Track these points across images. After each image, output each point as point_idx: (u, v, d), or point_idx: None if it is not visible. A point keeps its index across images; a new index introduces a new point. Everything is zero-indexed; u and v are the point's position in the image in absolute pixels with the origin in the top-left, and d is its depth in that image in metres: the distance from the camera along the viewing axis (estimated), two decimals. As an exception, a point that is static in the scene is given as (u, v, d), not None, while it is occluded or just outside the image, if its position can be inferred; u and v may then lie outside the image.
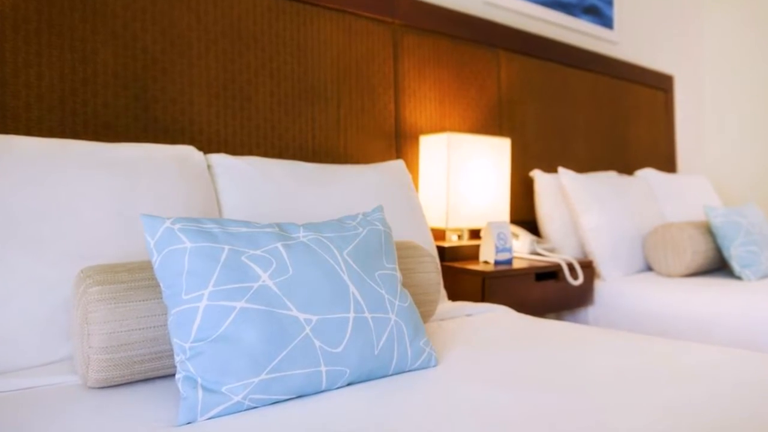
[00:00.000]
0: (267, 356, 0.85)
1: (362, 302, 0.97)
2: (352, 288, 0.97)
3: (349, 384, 0.95)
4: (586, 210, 2.34)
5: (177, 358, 0.85)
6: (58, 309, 1.06)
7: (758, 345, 1.81)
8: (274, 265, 0.92)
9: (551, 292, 2.01)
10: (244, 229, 0.95)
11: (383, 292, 1.01)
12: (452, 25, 2.25)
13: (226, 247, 0.91)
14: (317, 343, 0.89)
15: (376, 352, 0.95)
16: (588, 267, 2.15)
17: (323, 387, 0.91)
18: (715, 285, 2.10)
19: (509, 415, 0.81)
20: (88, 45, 1.44)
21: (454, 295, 1.89)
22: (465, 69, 2.30)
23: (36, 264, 1.06)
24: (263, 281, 0.89)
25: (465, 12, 2.33)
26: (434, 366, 1.05)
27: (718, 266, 2.41)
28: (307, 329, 0.89)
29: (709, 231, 2.34)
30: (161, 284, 0.89)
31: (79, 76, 1.43)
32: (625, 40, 3.24)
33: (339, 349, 0.91)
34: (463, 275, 1.87)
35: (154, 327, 0.94)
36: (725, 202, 3.80)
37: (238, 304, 0.86)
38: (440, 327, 1.36)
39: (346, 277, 0.97)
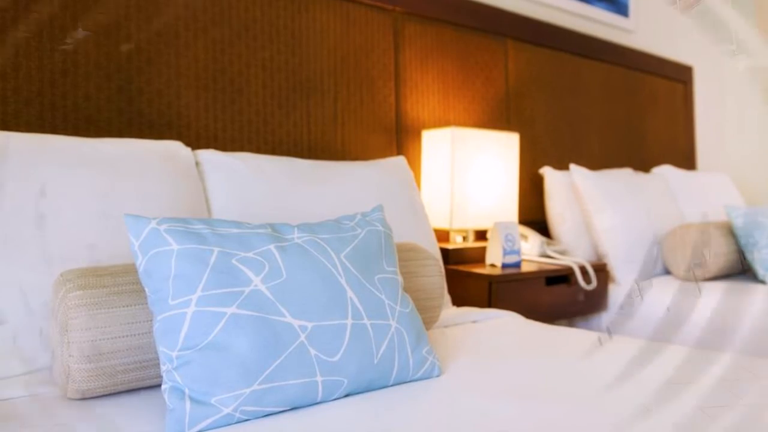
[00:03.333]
0: (259, 365, 0.85)
1: (361, 308, 0.97)
2: (349, 293, 0.97)
3: (346, 395, 0.95)
4: (600, 210, 2.34)
5: (163, 368, 0.85)
6: (36, 315, 1.06)
7: (783, 354, 1.81)
8: (266, 269, 0.92)
9: (562, 297, 2.02)
10: (234, 230, 0.96)
11: (383, 297, 1.01)
12: (457, 12, 2.25)
13: (216, 249, 0.91)
14: (313, 352, 0.89)
15: (375, 361, 0.96)
16: (602, 270, 2.15)
17: (319, 398, 0.91)
18: (738, 290, 2.10)
19: (517, 428, 0.81)
20: (68, 33, 1.44)
21: (458, 301, 1.89)
22: (470, 59, 2.30)
23: (13, 267, 1.06)
24: (255, 285, 0.90)
25: (470, -2, 2.33)
26: (437, 376, 1.05)
27: (741, 270, 2.41)
28: (302, 337, 0.89)
29: (730, 232, 2.34)
30: (146, 289, 0.89)
31: (58, 66, 1.43)
32: (641, 29, 3.24)
33: (336, 358, 0.91)
34: (469, 279, 1.87)
35: (138, 334, 0.94)
36: (748, 202, 3.79)
37: (229, 310, 0.86)
38: (444, 334, 1.36)
39: (343, 281, 0.97)
